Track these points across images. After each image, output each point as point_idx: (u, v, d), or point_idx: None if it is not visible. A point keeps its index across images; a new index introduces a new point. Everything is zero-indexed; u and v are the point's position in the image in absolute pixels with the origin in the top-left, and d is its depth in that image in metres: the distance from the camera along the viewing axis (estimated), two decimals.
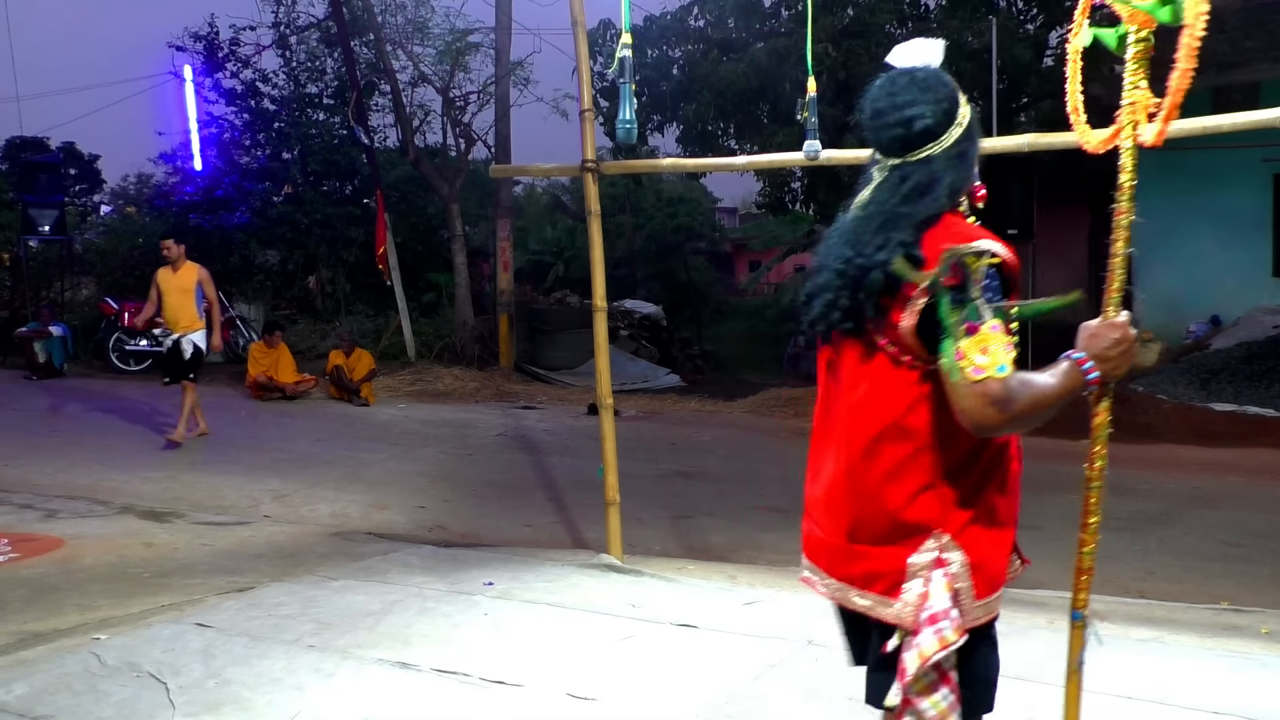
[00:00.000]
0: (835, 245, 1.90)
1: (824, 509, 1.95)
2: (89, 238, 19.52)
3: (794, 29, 14.51)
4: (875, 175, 1.92)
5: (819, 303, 1.89)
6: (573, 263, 25.76)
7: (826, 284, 1.87)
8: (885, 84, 1.91)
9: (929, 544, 1.85)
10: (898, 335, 1.79)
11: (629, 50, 4.62)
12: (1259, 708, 3.14)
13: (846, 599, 1.93)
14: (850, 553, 1.91)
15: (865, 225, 1.86)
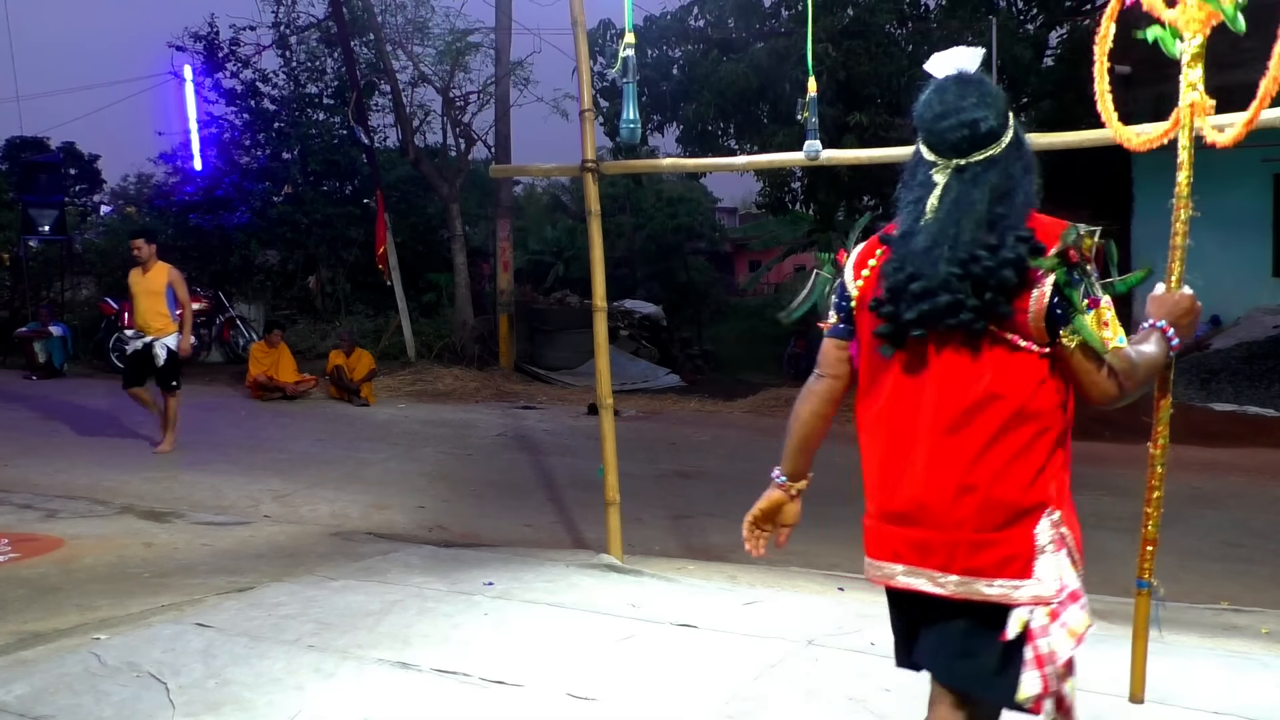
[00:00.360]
0: (928, 249, 1.92)
1: (936, 507, 1.93)
2: (89, 238, 19.53)
3: (794, 29, 14.51)
4: (937, 177, 1.97)
5: (935, 303, 1.88)
6: (573, 263, 25.75)
7: (943, 286, 1.87)
8: (945, 88, 1.99)
9: (1045, 523, 1.90)
10: (1022, 322, 1.87)
11: (632, 50, 4.62)
12: (1259, 708, 3.14)
13: (972, 592, 1.90)
14: (976, 543, 1.90)
15: (962, 228, 1.91)
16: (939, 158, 1.98)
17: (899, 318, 1.93)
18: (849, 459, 7.39)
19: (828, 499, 7.45)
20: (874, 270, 2.03)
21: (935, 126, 1.97)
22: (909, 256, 1.94)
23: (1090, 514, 6.88)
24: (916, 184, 2.01)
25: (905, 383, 1.98)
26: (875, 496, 2.04)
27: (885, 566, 2.02)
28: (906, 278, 1.92)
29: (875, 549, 2.04)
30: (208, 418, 10.38)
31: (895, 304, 1.94)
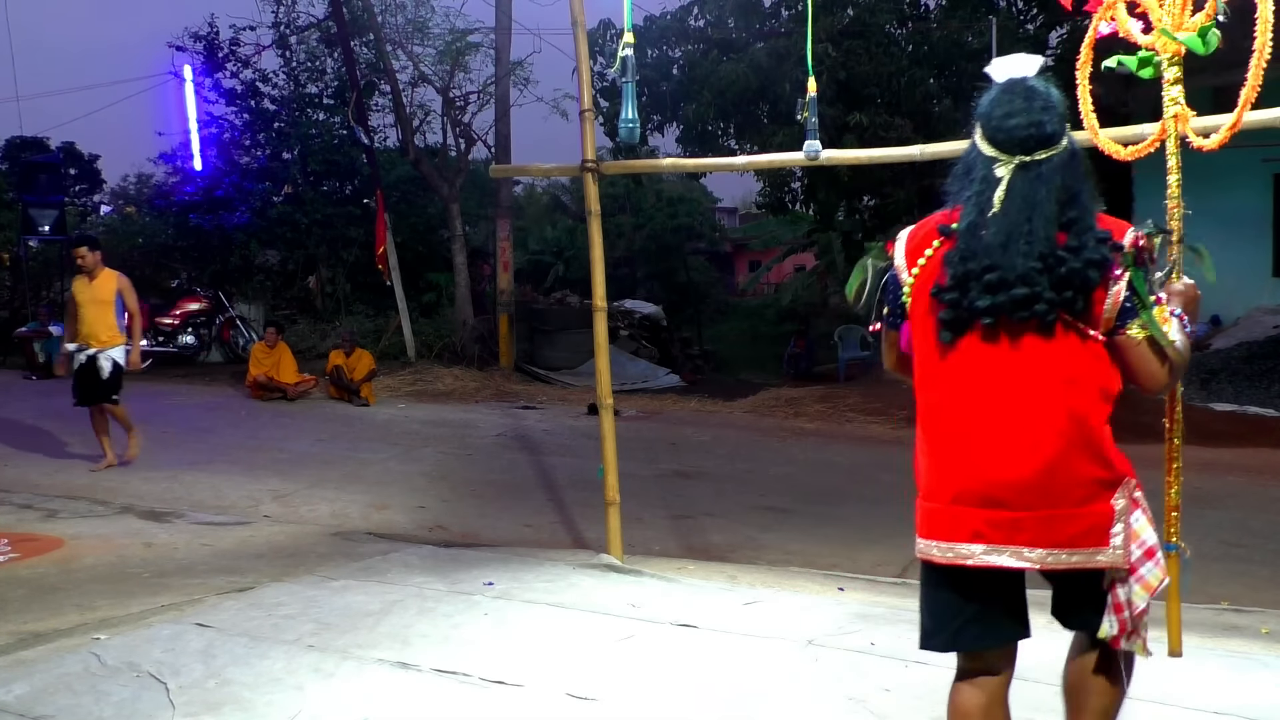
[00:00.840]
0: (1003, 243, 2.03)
1: (1025, 487, 2.04)
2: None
3: (794, 29, 14.51)
4: (1000, 172, 2.08)
5: (1012, 295, 2.00)
6: (573, 263, 25.77)
7: (1022, 279, 1.99)
8: (1014, 89, 2.12)
9: (1121, 492, 2.11)
10: (1096, 315, 2.03)
11: (631, 50, 4.63)
12: (1259, 708, 3.14)
13: (1058, 562, 2.06)
14: (1063, 518, 2.05)
15: (1035, 224, 2.02)
16: (1002, 154, 2.08)
17: (966, 305, 2.04)
18: (849, 459, 7.47)
19: (828, 499, 7.47)
20: (932, 260, 2.12)
21: (1004, 124, 2.08)
22: (979, 248, 2.04)
23: None
24: (977, 178, 2.10)
25: (972, 369, 2.08)
26: (947, 481, 2.12)
27: (960, 547, 2.09)
28: (982, 269, 2.02)
29: (947, 531, 2.11)
30: (208, 418, 10.39)
31: (962, 292, 2.04)
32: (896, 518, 6.93)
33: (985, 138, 2.12)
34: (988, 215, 2.06)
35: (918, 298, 2.14)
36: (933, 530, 2.13)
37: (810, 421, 10.81)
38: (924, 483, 2.17)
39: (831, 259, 23.05)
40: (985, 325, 2.04)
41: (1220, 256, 11.00)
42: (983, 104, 2.15)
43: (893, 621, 4.00)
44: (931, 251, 2.13)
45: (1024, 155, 2.06)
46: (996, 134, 2.09)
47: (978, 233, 2.06)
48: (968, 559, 2.09)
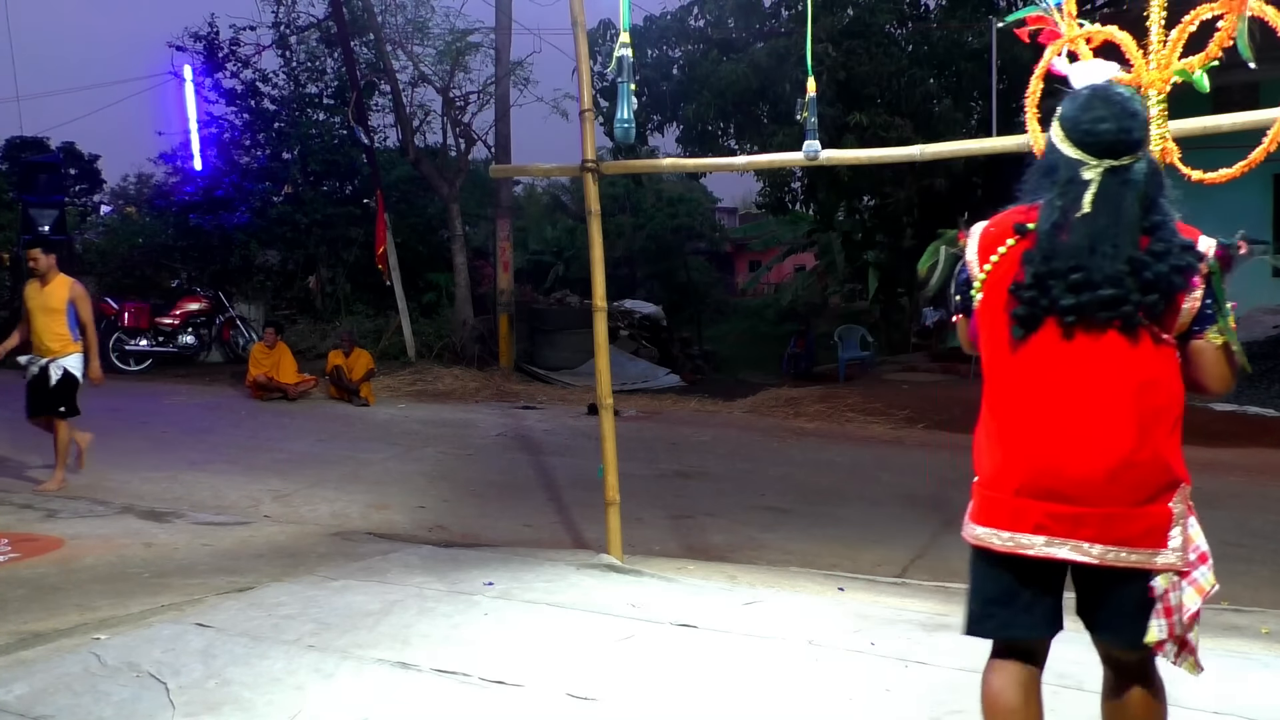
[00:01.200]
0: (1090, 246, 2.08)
1: (1095, 484, 2.09)
2: (89, 238, 19.52)
3: (794, 29, 14.52)
4: (1087, 175, 2.12)
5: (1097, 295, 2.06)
6: (573, 263, 25.79)
7: (1110, 280, 2.06)
8: (1105, 95, 2.17)
9: (1178, 495, 2.14)
10: (1171, 320, 2.10)
11: (627, 50, 4.63)
12: (1259, 708, 3.14)
13: (1117, 559, 2.09)
14: (1126, 516, 2.09)
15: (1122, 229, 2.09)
16: (1090, 157, 2.12)
17: (1046, 303, 2.09)
18: (849, 459, 7.48)
19: (828, 499, 7.47)
20: (1006, 257, 2.17)
21: (1095, 128, 2.11)
22: (1063, 248, 2.09)
23: None
24: (1061, 180, 2.14)
25: (1045, 365, 2.12)
26: (1012, 471, 2.15)
27: (1021, 537, 2.13)
28: (1067, 268, 2.07)
29: (1009, 521, 2.14)
30: (208, 418, 10.39)
31: (1042, 290, 2.09)
32: (896, 518, 6.93)
33: (1071, 140, 2.15)
34: (1073, 217, 2.10)
35: (989, 293, 2.19)
36: (994, 519, 2.17)
37: (810, 421, 10.81)
38: (986, 471, 2.21)
39: (831, 259, 23.06)
40: (1064, 324, 2.09)
41: None
42: (1068, 107, 2.19)
43: (893, 621, 4.00)
44: (1005, 249, 2.18)
45: (1112, 160, 2.11)
46: (1086, 138, 2.13)
47: (1060, 233, 2.11)
48: (1028, 549, 2.13)
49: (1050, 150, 2.21)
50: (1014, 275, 2.14)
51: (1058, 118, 2.21)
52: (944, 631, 3.83)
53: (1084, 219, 2.10)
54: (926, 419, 10.36)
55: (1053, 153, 2.20)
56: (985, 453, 2.22)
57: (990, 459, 2.20)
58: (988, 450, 2.22)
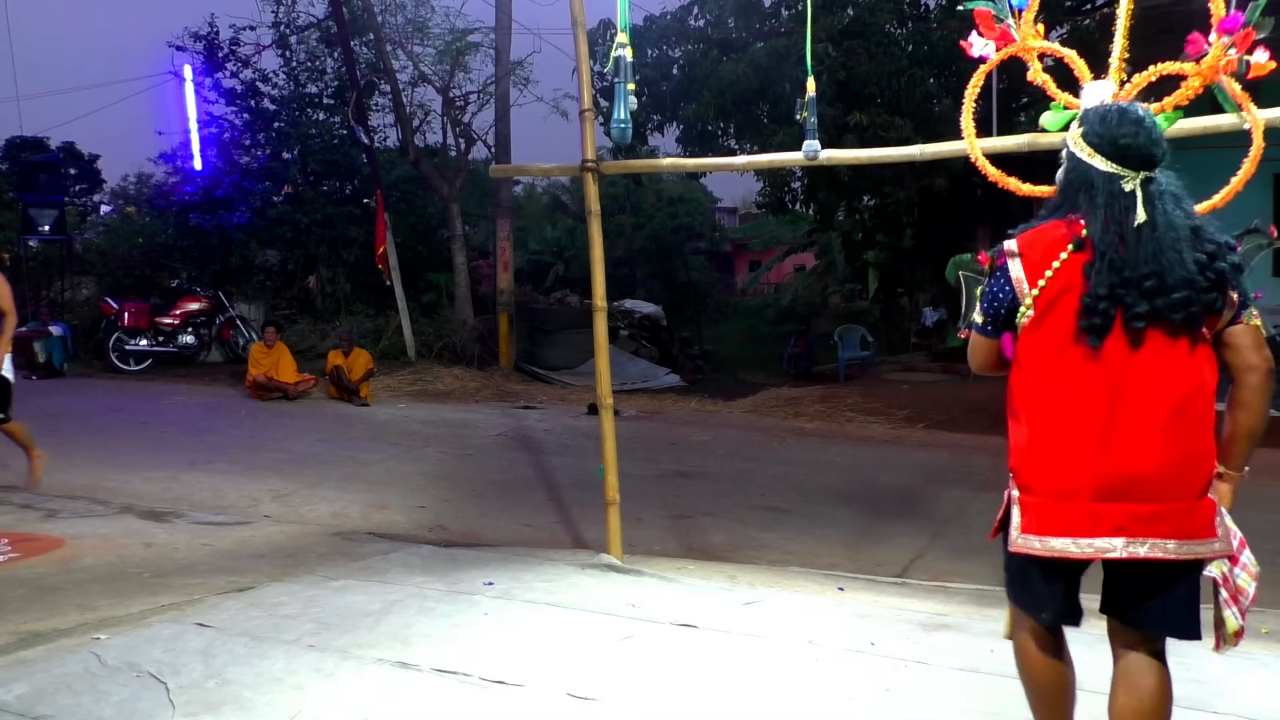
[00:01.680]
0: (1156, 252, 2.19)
1: (1166, 482, 2.20)
2: (89, 238, 19.53)
3: (794, 29, 14.52)
4: (1127, 186, 2.24)
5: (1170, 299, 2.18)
6: (573, 263, 25.79)
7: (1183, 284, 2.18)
8: (1134, 113, 2.31)
9: (1213, 486, 2.29)
10: (1214, 318, 2.24)
11: (625, 50, 4.62)
12: (1259, 708, 3.15)
13: (1186, 552, 2.22)
14: (1194, 509, 2.23)
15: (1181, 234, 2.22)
16: (1126, 170, 2.25)
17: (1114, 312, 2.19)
18: (849, 459, 7.47)
19: (828, 499, 7.46)
20: (1063, 271, 2.25)
21: (1134, 143, 2.25)
22: (1132, 258, 2.19)
23: None
24: (1103, 192, 2.25)
25: (1105, 371, 2.22)
26: (1087, 479, 2.22)
27: (1099, 542, 2.22)
28: (1141, 276, 2.18)
29: (1087, 528, 2.22)
30: (208, 418, 10.39)
31: (1114, 300, 2.19)
32: (896, 518, 6.93)
33: (1105, 155, 2.26)
34: (1129, 227, 2.20)
35: (1047, 308, 2.26)
36: (1068, 528, 2.23)
37: (810, 421, 10.81)
38: (1048, 482, 2.26)
39: (831, 259, 23.07)
40: (1130, 331, 2.19)
41: None
42: (1095, 123, 2.30)
43: (892, 622, 4.00)
44: (1059, 264, 2.24)
45: (1148, 171, 2.24)
46: (1124, 151, 2.25)
47: (1119, 244, 2.20)
48: (1110, 552, 2.21)
49: (1081, 166, 2.30)
50: (1077, 288, 2.22)
51: (1082, 135, 2.31)
52: (944, 631, 3.83)
53: (1142, 228, 2.20)
54: (926, 419, 10.36)
55: (1083, 168, 2.29)
56: (1043, 464, 2.27)
57: (1053, 469, 2.25)
58: (1047, 461, 2.26)
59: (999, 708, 3.12)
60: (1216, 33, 3.03)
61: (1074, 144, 2.33)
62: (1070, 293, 2.23)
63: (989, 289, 2.37)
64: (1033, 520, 2.28)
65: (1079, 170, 2.30)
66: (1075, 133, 2.35)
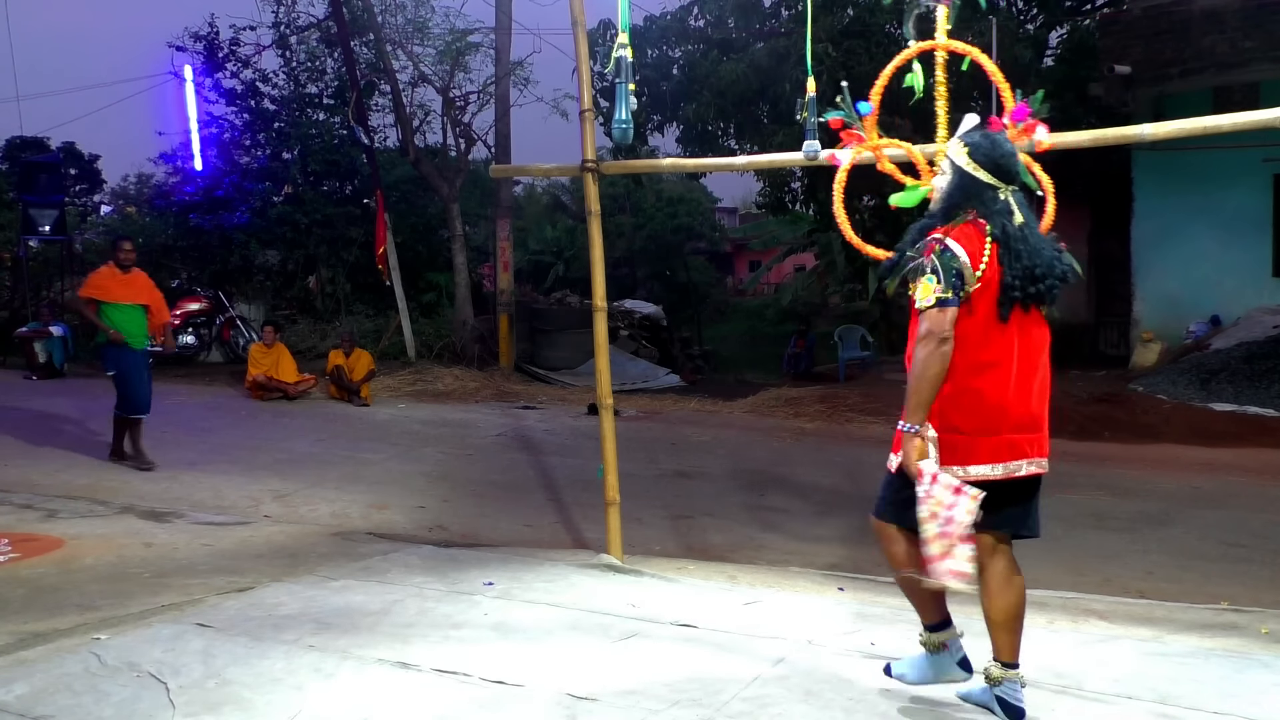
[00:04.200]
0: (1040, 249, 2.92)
1: (1040, 417, 2.97)
2: (89, 238, 19.50)
3: (794, 29, 14.50)
4: (1004, 197, 2.96)
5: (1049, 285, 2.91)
6: (573, 263, 25.79)
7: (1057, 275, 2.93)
8: (1002, 139, 3.07)
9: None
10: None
11: (626, 50, 4.62)
12: (1259, 707, 3.14)
13: (1047, 467, 2.98)
14: (1046, 437, 3.00)
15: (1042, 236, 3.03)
16: (1001, 183, 2.96)
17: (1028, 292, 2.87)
18: (849, 459, 7.47)
19: (828, 499, 7.45)
20: (990, 260, 2.88)
21: (1009, 164, 2.98)
22: (1027, 250, 2.89)
23: (1090, 514, 6.90)
24: (995, 200, 2.94)
25: (1012, 337, 2.90)
26: (1007, 417, 2.89)
27: (1011, 465, 2.91)
28: (1034, 264, 2.88)
29: (1006, 455, 2.90)
30: (208, 418, 10.39)
31: (1025, 283, 2.87)
32: None
33: (987, 170, 2.95)
34: (1016, 227, 2.90)
35: (983, 287, 2.87)
36: (991, 456, 2.88)
37: (810, 421, 10.81)
38: (976, 422, 2.88)
39: (831, 259, 23.04)
40: (1024, 306, 2.90)
41: (1220, 256, 11.17)
42: (982, 145, 2.98)
43: (892, 621, 4.00)
44: (989, 255, 2.87)
45: (1013, 185, 2.98)
46: (1001, 169, 2.96)
47: (1022, 243, 2.89)
48: (1017, 472, 2.91)
49: (969, 178, 2.95)
50: (996, 273, 2.87)
51: (969, 155, 2.96)
52: None
53: (1023, 228, 2.92)
54: None
55: (969, 181, 2.95)
56: (973, 409, 2.88)
57: (982, 412, 2.88)
58: (977, 407, 2.87)
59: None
60: (1009, 118, 3.68)
61: (964, 163, 2.96)
62: (993, 276, 2.86)
63: (947, 265, 2.84)
64: (956, 454, 2.89)
65: (968, 182, 2.95)
66: (961, 153, 2.98)
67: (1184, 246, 12.56)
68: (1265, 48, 10.63)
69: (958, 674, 3.08)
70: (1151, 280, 12.97)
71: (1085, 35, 15.15)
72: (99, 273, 7.54)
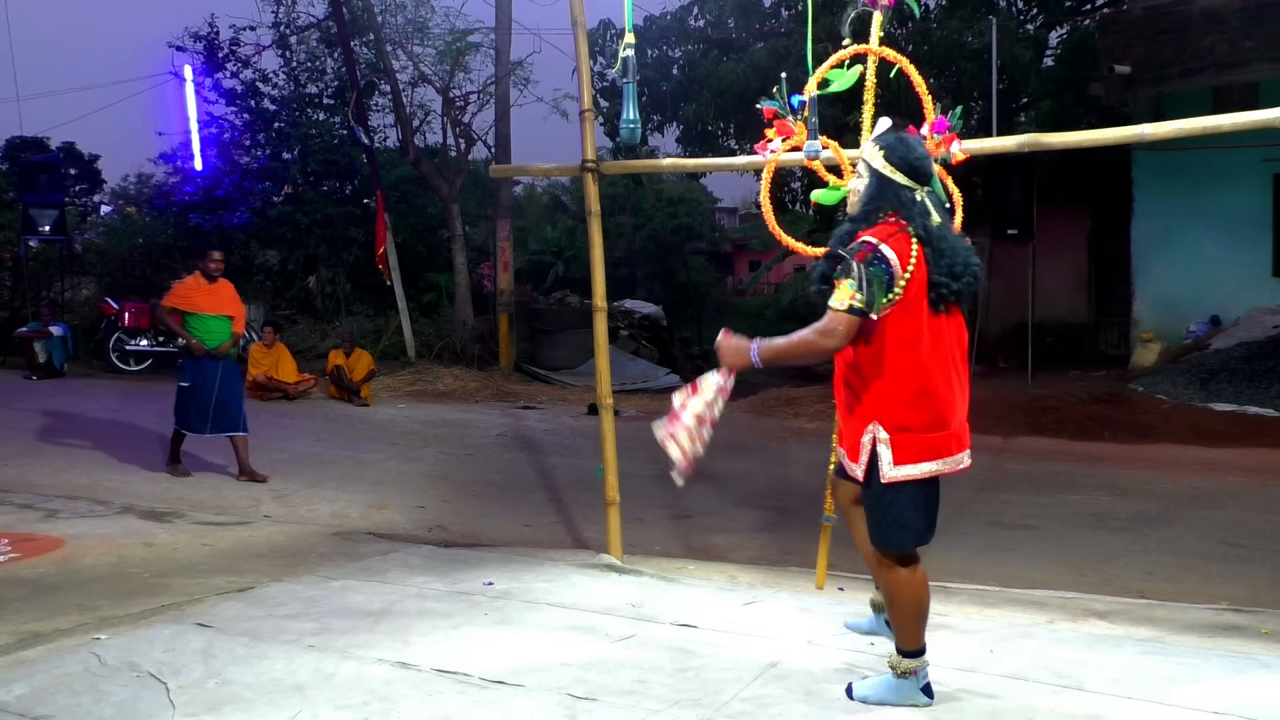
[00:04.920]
0: (959, 248, 3.00)
1: (966, 410, 3.05)
2: (89, 238, 19.52)
3: (794, 29, 14.51)
4: (920, 197, 3.00)
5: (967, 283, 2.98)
6: (573, 263, 25.77)
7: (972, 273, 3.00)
8: (917, 142, 3.11)
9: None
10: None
11: (632, 50, 4.62)
12: (1259, 708, 3.14)
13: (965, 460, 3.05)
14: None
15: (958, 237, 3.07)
16: (917, 185, 3.01)
17: (952, 290, 2.94)
18: None
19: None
20: (918, 258, 2.91)
21: (923, 165, 3.03)
22: (951, 252, 2.96)
23: (1089, 514, 6.90)
24: (913, 201, 2.98)
25: (943, 333, 2.98)
26: (948, 413, 2.96)
27: (954, 460, 3.00)
28: (956, 263, 2.96)
29: (951, 450, 2.99)
30: None
31: (951, 279, 2.94)
32: None
33: (903, 172, 3.00)
34: (934, 227, 2.95)
35: (913, 286, 2.90)
36: (940, 452, 2.95)
37: (810, 421, 10.81)
38: (922, 420, 2.92)
39: None
40: (950, 303, 2.97)
41: (1220, 256, 11.18)
42: (897, 148, 3.03)
43: None
44: (916, 254, 2.91)
45: (928, 186, 3.04)
46: (915, 170, 3.01)
47: (938, 240, 2.95)
48: (960, 464, 3.03)
49: (886, 180, 3.00)
50: (927, 271, 2.91)
51: (885, 157, 3.01)
52: (943, 631, 3.83)
53: (942, 228, 2.98)
54: None
55: (886, 182, 3.00)
56: (920, 407, 2.92)
57: (926, 409, 2.93)
58: (924, 404, 2.92)
59: (998, 708, 3.12)
60: (930, 129, 3.83)
61: (879, 165, 3.02)
62: (922, 275, 2.90)
63: (873, 276, 2.85)
64: (906, 454, 2.93)
65: (885, 184, 3.01)
66: (877, 156, 3.04)
67: (1184, 246, 12.56)
68: (1265, 48, 10.63)
69: (921, 698, 3.08)
70: (1151, 280, 12.97)
71: (1085, 35, 15.14)
72: (184, 283, 7.41)
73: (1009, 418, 9.93)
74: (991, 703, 3.15)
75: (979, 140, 4.45)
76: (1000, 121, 12.93)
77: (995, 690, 3.25)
